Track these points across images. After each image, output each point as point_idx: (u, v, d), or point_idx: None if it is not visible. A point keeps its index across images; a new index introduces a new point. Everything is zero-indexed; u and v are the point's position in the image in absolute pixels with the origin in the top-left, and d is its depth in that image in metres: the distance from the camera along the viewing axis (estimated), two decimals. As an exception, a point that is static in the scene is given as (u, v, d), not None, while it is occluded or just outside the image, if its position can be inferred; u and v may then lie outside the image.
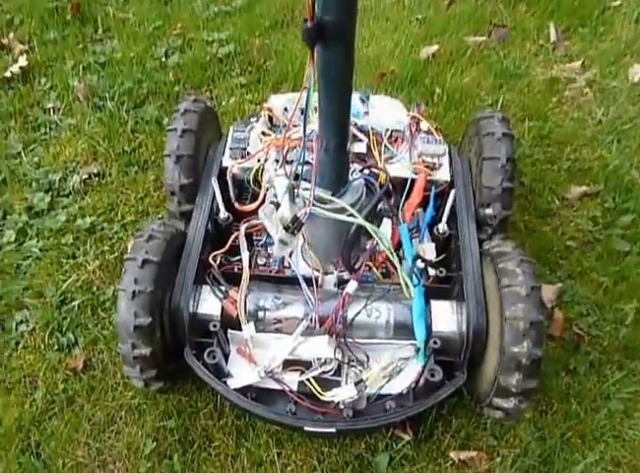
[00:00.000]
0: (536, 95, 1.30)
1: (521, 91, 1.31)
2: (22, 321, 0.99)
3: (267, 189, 0.90)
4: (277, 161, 0.90)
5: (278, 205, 0.75)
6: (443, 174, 0.93)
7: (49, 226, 1.12)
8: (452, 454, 0.83)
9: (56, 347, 0.95)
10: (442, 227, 0.89)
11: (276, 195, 0.78)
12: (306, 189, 0.74)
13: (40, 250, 1.08)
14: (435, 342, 0.78)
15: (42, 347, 0.96)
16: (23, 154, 1.23)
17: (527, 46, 1.40)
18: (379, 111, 1.01)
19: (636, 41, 1.43)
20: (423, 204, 0.91)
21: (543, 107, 1.27)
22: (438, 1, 1.50)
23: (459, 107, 1.26)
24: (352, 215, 0.73)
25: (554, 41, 1.40)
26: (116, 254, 1.07)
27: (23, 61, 1.36)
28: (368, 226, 0.75)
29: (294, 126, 0.88)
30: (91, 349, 0.95)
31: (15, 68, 1.35)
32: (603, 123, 1.25)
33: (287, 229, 0.74)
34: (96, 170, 1.20)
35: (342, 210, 0.74)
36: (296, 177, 0.75)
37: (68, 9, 1.47)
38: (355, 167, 0.83)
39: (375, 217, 0.85)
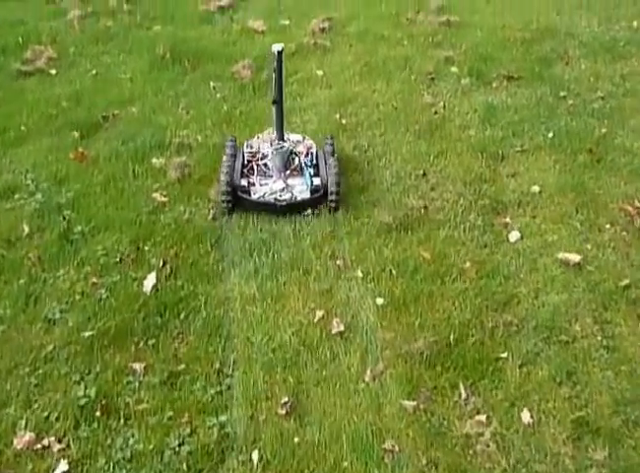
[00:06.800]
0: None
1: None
2: None
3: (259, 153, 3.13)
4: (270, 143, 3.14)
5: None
6: (313, 150, 3.13)
7: None
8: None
9: None
10: (314, 160, 3.09)
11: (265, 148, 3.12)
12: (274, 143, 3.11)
13: None
14: (314, 185, 2.93)
15: None
16: None
17: (445, 402, 2.04)
18: (292, 136, 3.25)
19: (523, 384, 2.10)
20: (308, 155, 3.12)
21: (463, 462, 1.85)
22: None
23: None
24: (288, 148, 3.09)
25: (465, 397, 2.05)
26: None
27: (64, 466, 1.86)
28: (294, 153, 3.10)
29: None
30: None
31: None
32: (507, 470, 1.83)
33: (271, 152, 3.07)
34: None
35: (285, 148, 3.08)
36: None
37: (97, 407, 2.02)
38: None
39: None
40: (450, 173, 3.22)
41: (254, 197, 2.89)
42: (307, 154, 3.11)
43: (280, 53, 2.85)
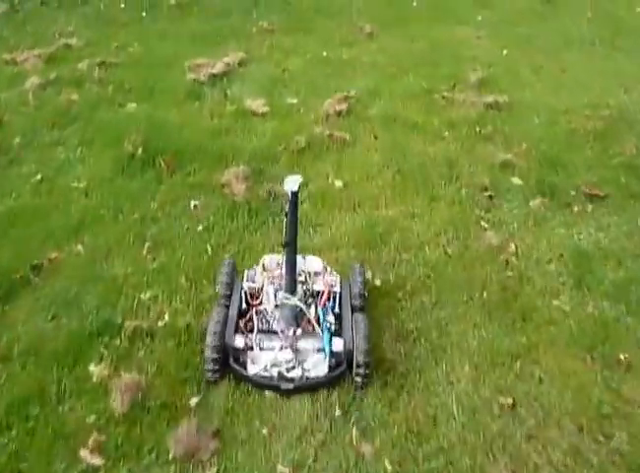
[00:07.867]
0: None
1: None
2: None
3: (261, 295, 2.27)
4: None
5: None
6: (336, 289, 2.29)
7: None
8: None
9: None
10: (337, 309, 2.26)
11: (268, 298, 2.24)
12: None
13: None
14: (334, 354, 2.10)
15: None
16: None
17: None
18: (310, 262, 2.37)
19: None
20: (329, 299, 2.26)
21: None
22: None
23: None
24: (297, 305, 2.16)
25: None
26: None
27: None
28: (304, 308, 2.15)
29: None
30: None
31: None
32: None
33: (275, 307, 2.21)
34: None
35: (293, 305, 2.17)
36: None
37: None
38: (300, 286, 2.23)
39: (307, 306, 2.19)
40: (552, 404, 2.00)
41: (251, 372, 2.09)
42: (329, 296, 2.26)
43: (295, 194, 2.00)
